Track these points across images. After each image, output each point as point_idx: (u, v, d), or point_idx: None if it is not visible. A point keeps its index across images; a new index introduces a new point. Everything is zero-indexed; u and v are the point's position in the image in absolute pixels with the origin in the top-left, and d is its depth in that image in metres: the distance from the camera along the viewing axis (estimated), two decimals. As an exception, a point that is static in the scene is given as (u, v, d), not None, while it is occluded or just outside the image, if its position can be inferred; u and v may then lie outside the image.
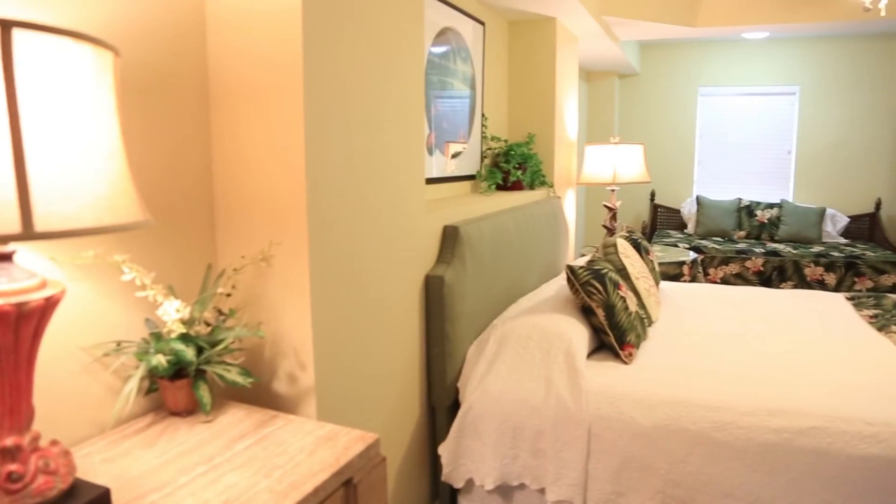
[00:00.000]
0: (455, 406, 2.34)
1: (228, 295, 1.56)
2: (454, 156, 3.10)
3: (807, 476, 1.91)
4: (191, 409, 1.44)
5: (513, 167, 3.38)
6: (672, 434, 2.01)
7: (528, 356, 2.24)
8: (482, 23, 3.33)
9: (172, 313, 1.38)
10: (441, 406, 2.32)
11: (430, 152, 2.85)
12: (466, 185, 3.29)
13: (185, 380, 1.40)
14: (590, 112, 6.50)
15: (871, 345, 2.66)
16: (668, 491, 2.02)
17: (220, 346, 1.44)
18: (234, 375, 1.42)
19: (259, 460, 1.24)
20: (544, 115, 3.78)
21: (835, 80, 6.20)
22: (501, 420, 2.16)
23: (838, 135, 6.24)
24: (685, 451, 2.00)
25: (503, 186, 3.43)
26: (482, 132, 3.38)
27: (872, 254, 5.29)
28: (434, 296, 2.20)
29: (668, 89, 6.63)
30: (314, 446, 1.30)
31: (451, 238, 2.30)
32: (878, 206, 6.08)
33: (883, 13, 2.83)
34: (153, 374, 1.41)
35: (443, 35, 2.91)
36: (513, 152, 3.42)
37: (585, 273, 2.37)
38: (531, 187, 3.56)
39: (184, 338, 1.39)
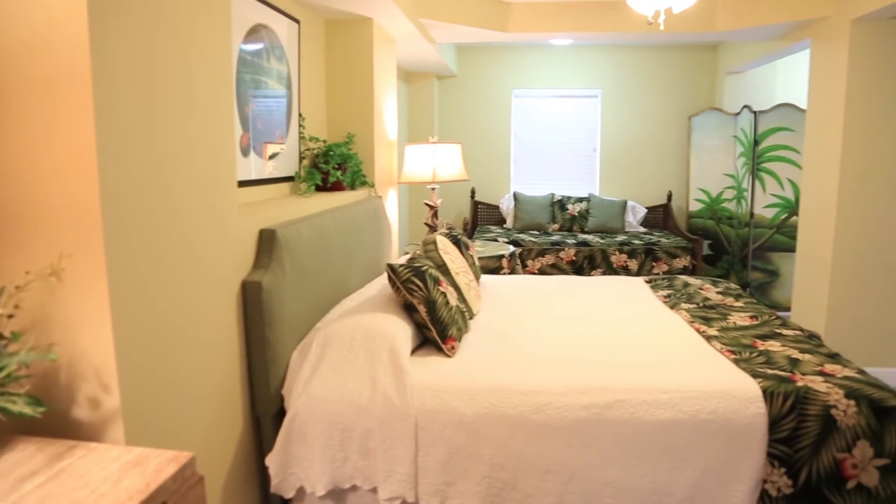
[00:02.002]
0: (281, 414, 2.28)
1: (10, 316, 1.39)
2: (272, 157, 3.02)
3: (615, 445, 2.09)
4: (-34, 449, 1.27)
5: (332, 168, 3.36)
6: (494, 420, 2.11)
7: (353, 357, 2.23)
8: (297, 21, 3.26)
9: (-64, 341, 1.21)
10: (266, 415, 2.25)
11: (246, 154, 2.74)
12: (285, 186, 3.21)
13: (-43, 416, 1.24)
14: (410, 112, 6.62)
15: (665, 321, 2.97)
16: (494, 475, 2.11)
17: (2, 374, 1.28)
18: (20, 406, 1.27)
19: (53, 499, 1.12)
20: (363, 115, 3.79)
21: (631, 84, 6.84)
22: (329, 423, 2.13)
23: (635, 134, 6.89)
24: (507, 435, 2.10)
25: (323, 187, 3.39)
26: (300, 133, 3.32)
27: (666, 240, 5.91)
28: (252, 302, 2.13)
29: (485, 91, 6.92)
30: (120, 474, 1.21)
31: (267, 242, 2.23)
32: (669, 197, 6.79)
33: (662, 27, 3.15)
34: (-86, 413, 1.23)
35: (255, 32, 2.81)
36: (332, 153, 3.39)
37: (406, 271, 2.41)
38: (352, 187, 3.55)
39: (-48, 368, 1.22)
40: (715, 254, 6.23)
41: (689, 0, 3.08)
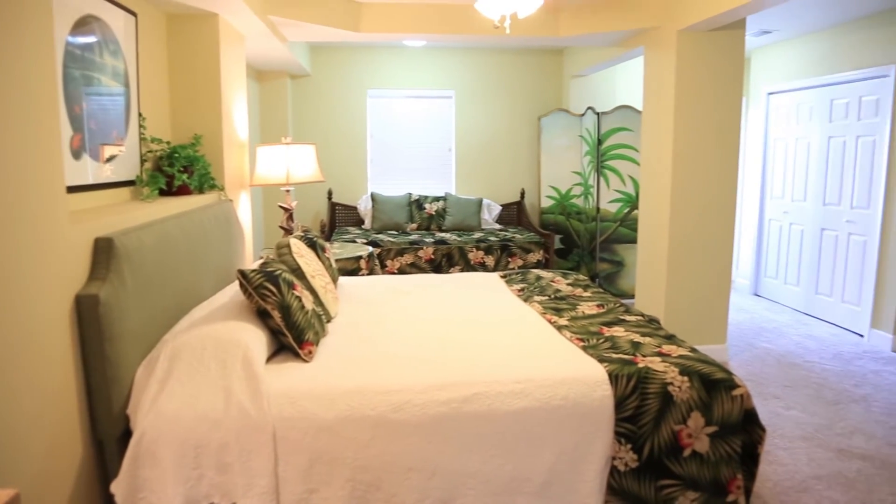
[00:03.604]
0: (127, 436, 2.12)
1: None
2: (109, 160, 2.80)
3: (474, 437, 2.15)
4: None
5: (178, 171, 3.18)
6: (354, 423, 2.09)
7: (204, 369, 2.13)
8: (134, 13, 3.05)
9: None
10: (110, 438, 2.09)
11: (78, 156, 2.53)
12: (126, 191, 3.00)
13: None
14: (262, 112, 6.42)
15: (518, 313, 3.08)
16: (358, 477, 2.10)
17: None
18: None
19: None
20: (211, 115, 3.62)
21: (483, 85, 7.04)
22: (180, 441, 2.02)
23: (488, 134, 7.10)
24: (368, 437, 2.09)
25: (168, 192, 3.20)
26: (140, 133, 3.11)
27: (520, 236, 6.14)
28: (89, 317, 1.96)
29: (339, 91, 6.85)
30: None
31: (104, 251, 2.07)
32: (522, 195, 7.07)
33: (508, 31, 3.26)
34: None
35: (85, 24, 2.59)
36: (177, 155, 3.21)
37: (258, 276, 2.33)
38: (200, 191, 3.38)
39: None
40: (566, 247, 6.57)
41: (534, 6, 3.21)
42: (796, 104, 5.94)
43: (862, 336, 5.09)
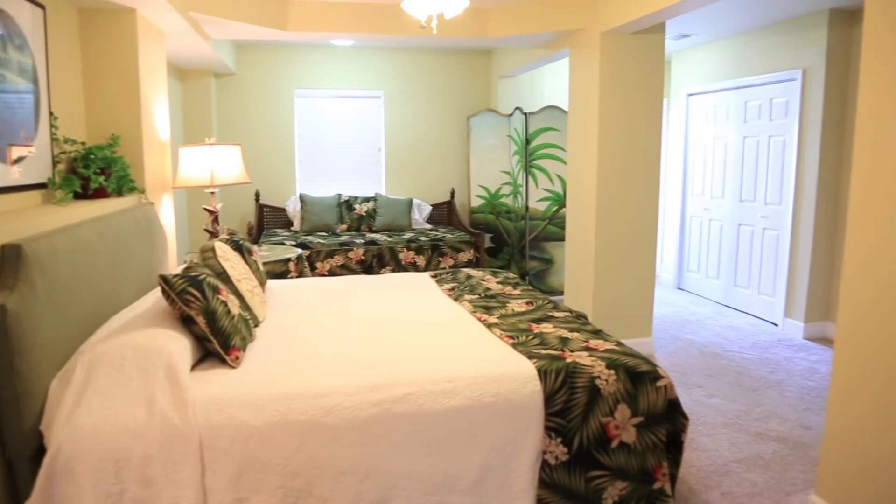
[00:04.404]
0: (40, 454, 2.01)
1: None
2: (17, 161, 2.66)
3: (406, 437, 2.14)
4: None
5: (94, 173, 3.04)
6: (284, 428, 2.05)
7: (124, 379, 2.04)
8: (42, 6, 2.90)
9: None
10: (21, 457, 1.98)
11: (-18, 158, 2.39)
12: (37, 195, 2.85)
13: None
14: (185, 112, 6.22)
15: (449, 313, 3.10)
16: (289, 483, 2.06)
17: None
18: None
19: None
20: (129, 114, 3.49)
21: (412, 85, 7.03)
22: (100, 456, 1.93)
23: (418, 134, 7.10)
24: (298, 442, 2.06)
25: (84, 195, 3.06)
26: (52, 133, 2.96)
27: (451, 236, 6.17)
28: (-5, 329, 1.85)
29: (266, 90, 6.71)
30: None
31: (12, 259, 1.96)
32: (452, 195, 7.10)
33: (434, 31, 3.27)
34: None
35: (-14, 18, 2.45)
36: (93, 156, 3.07)
37: (180, 281, 2.25)
38: (119, 194, 3.25)
39: None
40: (496, 246, 6.64)
41: (460, 7, 3.23)
42: (714, 105, 6.20)
43: (777, 325, 5.35)
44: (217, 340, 2.29)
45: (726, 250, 6.07)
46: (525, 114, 6.14)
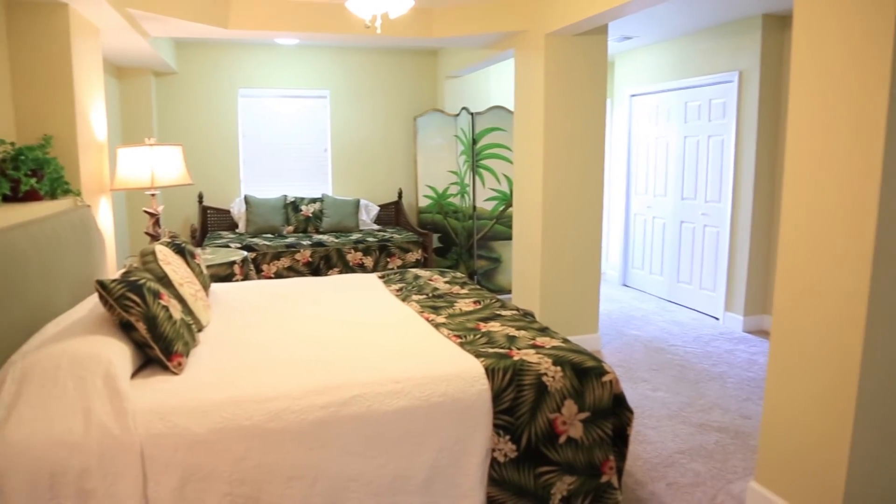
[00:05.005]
0: (-30, 468, 1.92)
1: None
2: (-60, 164, 2.53)
3: (354, 439, 2.12)
4: None
5: (24, 175, 2.91)
6: (229, 434, 2.01)
7: (59, 390, 1.96)
8: (-37, 3, 2.77)
9: None
10: (-52, 473, 1.88)
11: None
12: (-37, 198, 2.72)
13: None
14: (123, 112, 6.03)
15: (397, 313, 3.09)
16: (236, 491, 2.01)
17: None
18: None
19: None
20: (63, 114, 3.36)
21: (358, 85, 6.99)
22: (33, 471, 1.84)
23: (364, 134, 7.06)
24: (244, 448, 2.02)
25: (13, 198, 2.93)
26: (-22, 134, 2.83)
27: (399, 236, 6.16)
28: (-82, 339, 1.76)
29: (209, 90, 6.57)
30: None
31: (-65, 265, 1.86)
32: (399, 195, 7.09)
33: (379, 31, 3.25)
34: None
35: None
36: (23, 157, 2.95)
37: (119, 287, 2.18)
38: (52, 197, 3.13)
39: None
40: (445, 246, 6.65)
41: (405, 6, 3.22)
42: (656, 106, 6.35)
43: (718, 319, 5.52)
44: (158, 346, 2.23)
45: (669, 247, 6.23)
46: (471, 114, 6.17)
